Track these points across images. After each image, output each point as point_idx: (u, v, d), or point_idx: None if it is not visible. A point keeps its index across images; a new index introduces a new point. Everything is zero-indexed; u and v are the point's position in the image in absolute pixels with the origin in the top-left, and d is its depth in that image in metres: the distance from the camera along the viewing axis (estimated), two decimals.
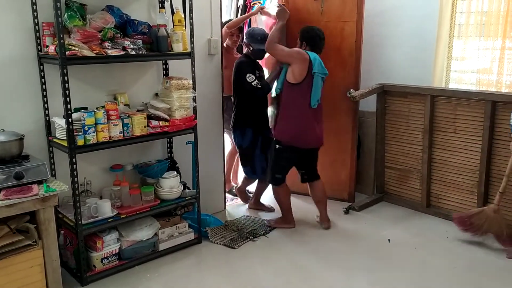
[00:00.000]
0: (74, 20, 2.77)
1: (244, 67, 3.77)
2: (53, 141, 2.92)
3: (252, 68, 3.77)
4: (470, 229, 3.47)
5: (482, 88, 3.88)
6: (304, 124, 3.52)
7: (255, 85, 3.67)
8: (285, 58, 3.52)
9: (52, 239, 2.61)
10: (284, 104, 3.56)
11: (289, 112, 3.54)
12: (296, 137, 3.54)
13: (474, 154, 3.73)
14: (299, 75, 3.44)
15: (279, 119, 3.63)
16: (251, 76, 3.68)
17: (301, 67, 3.43)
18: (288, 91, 3.52)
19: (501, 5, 3.69)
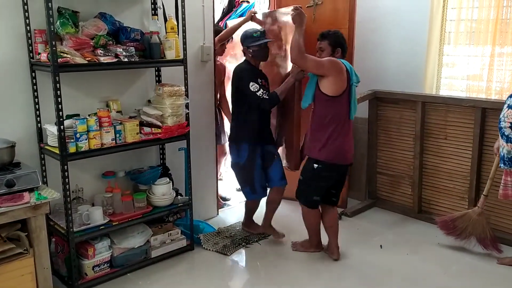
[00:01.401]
0: (66, 27, 2.77)
1: (246, 74, 3.32)
2: (44, 148, 2.91)
3: (255, 75, 3.34)
4: (453, 232, 3.51)
5: (472, 94, 3.93)
6: (345, 138, 3.16)
7: (260, 96, 3.24)
8: (320, 71, 3.05)
9: (43, 247, 2.59)
10: (321, 118, 3.13)
11: (329, 127, 3.11)
12: (339, 154, 3.15)
13: (464, 160, 3.77)
14: (339, 87, 3.05)
15: (313, 136, 3.22)
16: (254, 85, 3.24)
17: (341, 78, 3.04)
18: (325, 105, 3.10)
19: (490, 13, 3.74)
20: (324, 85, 3.06)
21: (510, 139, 2.88)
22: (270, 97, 3.28)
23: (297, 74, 3.31)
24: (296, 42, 3.03)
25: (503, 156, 2.98)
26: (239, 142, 3.45)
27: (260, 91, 3.24)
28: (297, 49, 3.02)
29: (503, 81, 3.73)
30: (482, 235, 3.40)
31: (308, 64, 3.05)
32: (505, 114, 2.91)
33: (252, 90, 3.24)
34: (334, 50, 3.15)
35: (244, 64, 3.43)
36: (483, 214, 3.42)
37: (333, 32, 3.16)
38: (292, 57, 3.08)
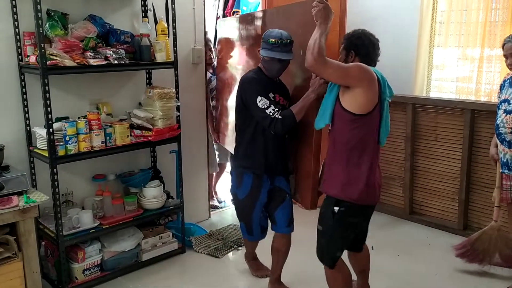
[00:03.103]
0: (55, 30, 2.76)
1: (253, 86, 2.61)
2: (34, 151, 2.89)
3: (265, 88, 2.61)
4: (476, 258, 3.16)
5: (462, 96, 3.96)
6: (374, 170, 2.38)
7: (271, 114, 2.51)
8: (345, 80, 2.25)
9: (32, 251, 2.57)
10: (342, 144, 2.33)
11: (353, 156, 2.32)
12: (368, 191, 2.35)
13: (455, 161, 3.79)
14: (369, 102, 2.25)
15: (331, 167, 2.42)
16: (263, 100, 2.53)
17: (371, 91, 2.25)
18: (349, 126, 2.28)
19: (479, 15, 3.78)
20: (348, 99, 2.26)
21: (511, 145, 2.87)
22: (283, 116, 2.50)
23: (318, 87, 2.49)
24: (314, 41, 2.20)
25: (506, 162, 2.94)
26: (242, 171, 2.78)
27: (271, 108, 2.51)
28: (315, 50, 2.19)
29: (492, 83, 3.76)
30: (505, 250, 3.08)
31: (329, 70, 2.23)
32: (503, 120, 2.88)
33: (260, 106, 2.52)
34: (348, 54, 2.41)
35: (254, 72, 2.71)
36: (501, 229, 3.12)
37: (349, 33, 2.46)
38: (308, 60, 2.23)
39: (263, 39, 2.61)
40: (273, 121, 2.50)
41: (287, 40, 2.56)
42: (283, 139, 2.75)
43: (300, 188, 2.81)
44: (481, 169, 3.62)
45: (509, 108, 2.85)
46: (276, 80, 2.72)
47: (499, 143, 2.97)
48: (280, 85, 2.76)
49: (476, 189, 3.69)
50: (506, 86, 2.95)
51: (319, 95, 2.49)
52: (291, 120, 2.52)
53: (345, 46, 2.43)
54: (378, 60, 2.45)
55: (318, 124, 2.43)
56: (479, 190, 3.67)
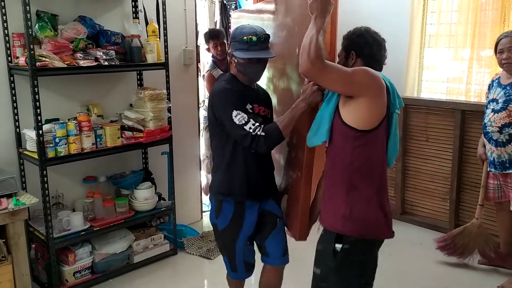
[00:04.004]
0: (45, 31, 2.74)
1: (224, 98, 2.13)
2: (23, 153, 2.87)
3: (241, 99, 2.15)
4: (455, 251, 3.30)
5: (452, 97, 3.98)
6: (383, 197, 1.94)
7: (251, 131, 2.03)
8: (349, 88, 1.82)
9: (22, 254, 2.55)
10: (344, 166, 1.89)
11: (356, 181, 1.87)
12: (377, 223, 1.92)
13: (445, 162, 3.81)
14: (377, 114, 1.84)
15: (330, 194, 1.97)
16: (240, 114, 2.05)
17: (379, 101, 1.83)
18: (352, 144, 1.85)
19: (469, 16, 3.80)
20: (350, 112, 1.83)
21: (499, 143, 2.90)
22: (267, 133, 2.02)
23: (311, 94, 1.99)
24: (310, 40, 1.77)
25: (493, 161, 2.98)
26: (221, 198, 2.26)
27: (250, 123, 2.03)
28: (312, 52, 1.75)
29: (482, 84, 3.79)
30: (485, 248, 3.23)
31: (329, 76, 1.80)
32: (491, 119, 2.92)
33: (237, 122, 2.04)
34: (348, 56, 1.98)
35: (227, 81, 2.20)
36: (482, 226, 3.26)
37: (350, 33, 2.04)
38: (303, 65, 1.80)
39: (234, 39, 2.16)
40: (255, 139, 2.02)
41: (263, 35, 2.12)
42: (269, 157, 2.33)
43: (289, 214, 2.31)
44: (472, 169, 3.65)
45: (497, 107, 2.88)
46: (253, 87, 2.27)
47: (486, 142, 3.01)
48: (258, 91, 2.30)
49: (467, 189, 3.72)
50: (494, 86, 2.98)
51: (311, 104, 2.00)
52: (277, 137, 2.04)
53: (345, 46, 2.00)
54: (385, 63, 2.03)
55: (312, 141, 1.98)
56: (469, 190, 3.69)
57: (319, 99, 1.99)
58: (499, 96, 2.89)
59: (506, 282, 3.00)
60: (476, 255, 3.29)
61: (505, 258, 3.23)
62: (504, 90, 2.87)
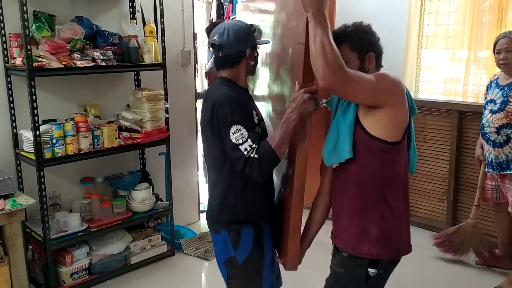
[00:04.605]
0: (42, 31, 2.73)
1: (231, 109, 1.79)
2: (20, 154, 2.86)
3: (246, 107, 1.87)
4: (451, 249, 3.38)
5: (450, 97, 3.99)
6: (406, 211, 1.78)
7: (245, 153, 1.74)
8: (374, 97, 1.59)
9: (19, 255, 2.55)
10: (373, 183, 1.68)
11: (384, 199, 1.68)
12: (409, 239, 1.82)
13: (443, 162, 3.82)
14: (403, 122, 1.66)
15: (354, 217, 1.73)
16: (240, 132, 1.76)
17: (404, 109, 1.65)
18: (381, 158, 1.66)
19: (466, 17, 3.81)
20: (377, 122, 1.62)
21: (496, 144, 2.91)
22: (260, 155, 1.74)
23: (302, 103, 1.68)
24: (321, 44, 1.46)
25: (490, 162, 2.99)
26: (238, 227, 1.92)
27: (248, 143, 1.75)
28: (330, 59, 1.46)
29: (479, 84, 3.79)
30: (480, 248, 3.28)
31: (354, 87, 1.54)
32: (488, 120, 2.93)
33: (233, 141, 1.76)
34: (363, 59, 1.69)
35: (226, 87, 1.87)
36: (477, 226, 3.32)
37: (353, 28, 1.74)
38: (324, 77, 1.48)
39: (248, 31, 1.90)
40: (248, 163, 1.73)
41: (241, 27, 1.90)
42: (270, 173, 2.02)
43: (279, 239, 1.97)
44: (469, 169, 3.65)
45: (495, 108, 2.89)
46: (245, 89, 1.99)
47: (484, 142, 3.02)
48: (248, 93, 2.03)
49: (464, 189, 3.72)
50: (492, 87, 2.99)
51: (302, 115, 1.70)
52: (271, 160, 1.75)
53: (356, 47, 1.68)
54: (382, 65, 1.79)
55: (331, 160, 1.73)
56: (467, 190, 3.70)
57: (312, 109, 1.69)
58: (497, 97, 2.90)
59: (504, 283, 3.01)
60: (471, 254, 3.33)
61: (500, 258, 3.25)
62: (502, 91, 2.88)
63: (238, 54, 1.87)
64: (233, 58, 1.88)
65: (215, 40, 1.88)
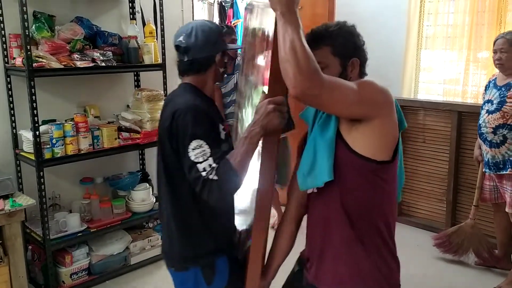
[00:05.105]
0: (42, 32, 2.74)
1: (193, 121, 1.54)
2: (20, 154, 2.86)
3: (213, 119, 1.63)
4: (450, 249, 3.38)
5: (449, 98, 3.99)
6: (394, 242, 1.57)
7: (203, 174, 1.48)
8: (357, 109, 1.34)
9: (18, 255, 2.55)
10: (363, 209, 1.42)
11: (379, 225, 1.45)
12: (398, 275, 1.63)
13: (442, 163, 3.82)
14: (394, 137, 1.42)
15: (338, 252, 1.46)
16: (201, 148, 1.51)
17: (393, 121, 1.41)
18: (370, 180, 1.40)
19: (465, 18, 3.82)
20: (362, 138, 1.37)
21: (493, 144, 2.91)
22: (220, 176, 1.47)
23: (265, 116, 1.44)
24: (291, 45, 1.21)
25: (487, 162, 3.00)
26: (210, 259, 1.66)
27: (208, 162, 1.49)
28: (303, 63, 1.20)
29: (478, 85, 3.80)
30: (479, 248, 3.29)
31: (332, 96, 1.27)
32: (485, 120, 2.94)
33: (192, 158, 1.50)
34: (346, 65, 1.46)
35: (191, 95, 1.64)
36: (476, 226, 3.33)
37: (336, 27, 1.47)
38: (295, 84, 1.22)
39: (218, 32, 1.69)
40: (206, 185, 1.47)
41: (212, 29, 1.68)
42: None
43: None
44: (468, 170, 3.66)
45: (491, 108, 2.90)
46: (212, 99, 1.76)
47: (481, 143, 3.03)
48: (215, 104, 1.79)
49: (464, 190, 3.73)
50: (490, 87, 3.00)
51: (266, 129, 1.45)
52: (233, 182, 1.49)
53: (338, 50, 1.44)
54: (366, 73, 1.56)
55: (306, 184, 1.45)
56: (466, 191, 3.70)
57: (276, 123, 1.44)
58: (494, 97, 2.91)
59: (503, 283, 3.01)
60: (471, 254, 3.33)
61: (499, 259, 3.25)
62: (499, 91, 2.89)
63: (207, 59, 1.65)
64: (201, 63, 1.64)
65: (180, 41, 1.63)
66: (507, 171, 2.88)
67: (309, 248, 1.57)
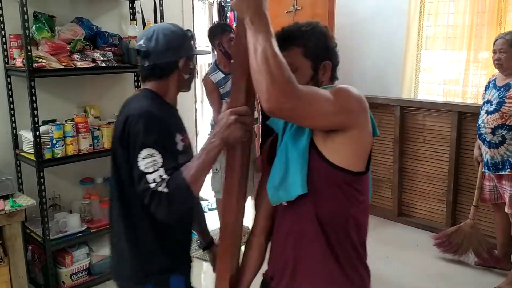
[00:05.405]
0: (42, 32, 2.74)
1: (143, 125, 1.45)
2: (20, 154, 2.87)
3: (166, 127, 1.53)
4: (450, 249, 3.39)
5: (449, 98, 4.00)
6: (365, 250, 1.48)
7: (151, 185, 1.39)
8: (333, 119, 1.25)
9: (18, 256, 2.55)
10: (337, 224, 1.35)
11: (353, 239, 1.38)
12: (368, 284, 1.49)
13: (442, 163, 3.82)
14: (369, 145, 1.35)
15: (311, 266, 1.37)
16: (153, 158, 1.41)
17: (368, 129, 1.33)
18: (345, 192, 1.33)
19: (465, 18, 3.82)
20: (338, 148, 1.29)
21: (492, 145, 2.92)
22: (171, 189, 1.38)
23: (226, 127, 1.35)
24: (264, 55, 1.12)
25: (486, 162, 3.01)
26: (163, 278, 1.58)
27: (157, 174, 1.39)
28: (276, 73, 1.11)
29: (478, 85, 3.80)
30: (479, 248, 3.30)
31: (308, 108, 1.18)
32: (484, 120, 2.95)
33: (141, 168, 1.41)
34: (317, 68, 1.37)
35: (148, 101, 1.55)
36: (475, 226, 3.34)
37: (309, 27, 1.38)
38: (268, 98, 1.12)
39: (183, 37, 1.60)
40: (155, 197, 1.38)
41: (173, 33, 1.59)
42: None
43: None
44: (468, 170, 3.66)
45: (491, 109, 2.91)
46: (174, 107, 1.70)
47: (481, 143, 3.03)
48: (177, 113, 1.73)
49: (464, 190, 3.73)
50: (490, 87, 3.00)
51: (227, 141, 1.37)
52: (184, 196, 1.40)
53: (311, 51, 1.35)
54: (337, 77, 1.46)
55: (279, 197, 1.35)
56: (466, 191, 3.70)
57: (238, 135, 1.34)
58: (493, 97, 2.91)
59: (503, 283, 3.01)
60: (471, 254, 3.33)
61: (499, 259, 3.25)
62: (499, 92, 2.89)
63: (168, 65, 1.56)
64: (162, 68, 1.56)
65: (140, 45, 1.56)
66: (506, 171, 2.89)
67: (276, 265, 1.45)
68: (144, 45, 1.55)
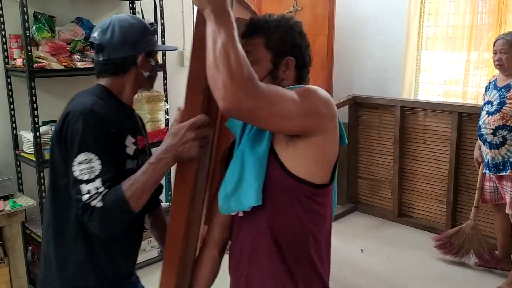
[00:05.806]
0: (42, 32, 2.74)
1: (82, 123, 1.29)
2: (20, 155, 2.86)
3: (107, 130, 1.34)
4: (451, 250, 3.38)
5: (449, 99, 4.00)
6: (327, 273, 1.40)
7: (85, 197, 1.24)
8: (298, 123, 1.13)
9: (19, 256, 2.55)
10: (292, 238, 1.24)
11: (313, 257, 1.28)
12: None
13: (442, 163, 3.82)
14: (333, 157, 1.25)
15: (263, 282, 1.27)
16: (90, 164, 1.26)
17: (336, 136, 1.23)
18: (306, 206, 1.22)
19: (466, 19, 3.82)
20: (299, 156, 1.18)
21: (492, 145, 2.92)
22: (106, 204, 1.24)
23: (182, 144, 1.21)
24: (223, 49, 1.01)
25: (487, 163, 3.01)
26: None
27: (94, 184, 1.25)
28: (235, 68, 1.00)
29: (478, 86, 3.80)
30: (480, 249, 3.29)
31: (272, 109, 1.07)
32: (485, 121, 2.95)
33: (76, 174, 1.27)
34: (278, 63, 1.26)
35: (94, 98, 1.38)
36: (476, 227, 3.34)
37: (277, 19, 1.29)
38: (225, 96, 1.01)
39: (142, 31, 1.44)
40: (87, 211, 1.24)
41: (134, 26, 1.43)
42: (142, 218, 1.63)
43: None
44: (469, 171, 3.66)
45: (491, 109, 2.90)
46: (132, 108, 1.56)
47: (481, 144, 3.03)
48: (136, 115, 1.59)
49: (464, 191, 3.73)
50: (490, 88, 3.00)
51: (180, 159, 1.21)
52: (120, 213, 1.26)
53: (273, 43, 1.26)
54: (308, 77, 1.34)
55: (230, 207, 1.24)
56: (466, 192, 3.70)
57: (193, 154, 1.19)
58: (494, 98, 2.91)
59: (503, 284, 3.01)
60: (471, 255, 3.33)
61: (500, 260, 3.25)
62: (499, 93, 2.89)
63: (125, 60, 1.41)
64: (117, 64, 1.40)
65: (94, 38, 1.41)
66: (507, 172, 2.89)
67: (232, 279, 1.36)
68: (98, 37, 1.40)
